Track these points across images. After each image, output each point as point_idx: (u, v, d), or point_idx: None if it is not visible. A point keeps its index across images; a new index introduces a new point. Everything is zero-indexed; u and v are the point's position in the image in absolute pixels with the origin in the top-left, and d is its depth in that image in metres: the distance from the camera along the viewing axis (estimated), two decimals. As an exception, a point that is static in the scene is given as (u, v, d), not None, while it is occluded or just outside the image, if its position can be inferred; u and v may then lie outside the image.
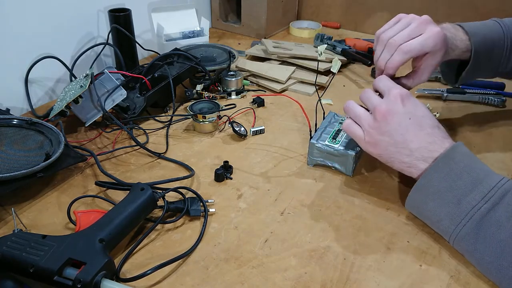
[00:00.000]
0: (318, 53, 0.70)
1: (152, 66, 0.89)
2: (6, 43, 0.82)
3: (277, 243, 0.57)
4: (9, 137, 0.69)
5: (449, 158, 0.55)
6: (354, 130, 0.62)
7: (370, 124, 0.59)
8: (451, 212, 0.53)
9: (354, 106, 0.62)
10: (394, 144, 0.58)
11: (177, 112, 0.89)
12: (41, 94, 0.91)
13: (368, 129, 0.60)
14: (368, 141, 0.60)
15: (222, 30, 1.35)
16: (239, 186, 0.68)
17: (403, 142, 0.57)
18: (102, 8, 0.99)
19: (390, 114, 0.58)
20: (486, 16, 1.12)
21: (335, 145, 0.69)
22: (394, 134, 0.58)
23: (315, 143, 0.70)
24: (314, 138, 0.71)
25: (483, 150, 0.77)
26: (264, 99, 0.91)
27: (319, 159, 0.72)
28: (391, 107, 0.58)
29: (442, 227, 0.55)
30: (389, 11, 1.27)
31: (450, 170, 0.54)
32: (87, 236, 0.51)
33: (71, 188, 0.67)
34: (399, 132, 0.57)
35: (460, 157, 0.55)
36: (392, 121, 0.58)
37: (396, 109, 0.58)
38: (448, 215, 0.53)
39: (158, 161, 0.73)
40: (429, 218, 0.57)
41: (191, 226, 0.60)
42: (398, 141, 0.58)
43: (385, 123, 0.58)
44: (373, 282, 0.52)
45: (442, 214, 0.54)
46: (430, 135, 0.57)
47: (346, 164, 0.69)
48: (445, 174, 0.54)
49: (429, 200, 0.55)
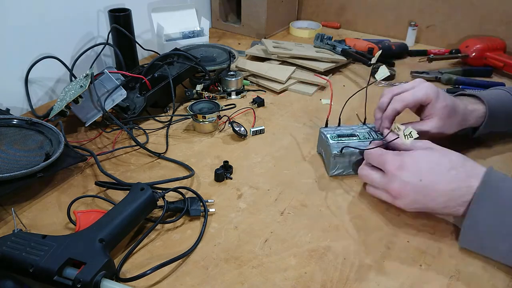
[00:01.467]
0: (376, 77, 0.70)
1: (152, 66, 0.89)
2: (6, 43, 0.82)
3: (277, 243, 0.57)
4: (9, 137, 0.69)
5: (486, 191, 0.53)
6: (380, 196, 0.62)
7: (393, 201, 0.59)
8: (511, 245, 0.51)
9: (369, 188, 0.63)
10: (424, 207, 0.57)
11: (177, 112, 0.89)
12: (41, 94, 0.91)
13: (394, 203, 0.59)
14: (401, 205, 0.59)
15: (222, 30, 1.35)
16: (239, 186, 0.68)
17: (429, 204, 0.56)
18: (102, 8, 0.99)
19: (402, 189, 0.57)
20: (486, 16, 1.13)
21: (332, 140, 0.69)
22: (417, 202, 0.57)
23: (321, 131, 0.72)
24: (326, 128, 0.73)
25: (484, 150, 0.77)
26: (264, 99, 0.91)
27: (321, 149, 0.74)
28: (399, 183, 0.57)
29: (506, 260, 0.53)
30: (389, 11, 1.27)
31: (491, 202, 0.52)
32: (87, 236, 0.51)
33: (71, 188, 0.67)
34: (421, 200, 0.56)
35: (496, 186, 0.53)
36: (408, 194, 0.57)
37: (403, 181, 0.56)
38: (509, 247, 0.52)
39: (158, 161, 0.73)
40: (491, 256, 0.55)
41: (191, 226, 0.60)
42: (425, 204, 0.57)
43: (403, 199, 0.57)
44: (373, 282, 0.52)
45: (504, 249, 0.52)
46: (450, 183, 0.55)
47: (329, 162, 0.69)
48: (489, 207, 0.53)
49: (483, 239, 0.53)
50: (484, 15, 1.13)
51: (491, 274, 0.54)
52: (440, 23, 1.20)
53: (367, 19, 1.32)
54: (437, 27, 1.21)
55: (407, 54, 1.16)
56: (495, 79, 1.05)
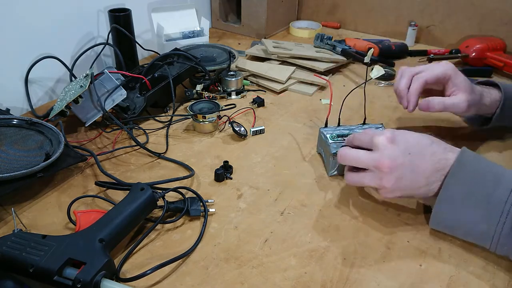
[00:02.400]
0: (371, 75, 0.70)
1: (152, 66, 0.89)
2: (6, 43, 0.82)
3: (277, 243, 0.57)
4: (9, 137, 0.69)
5: (461, 164, 0.55)
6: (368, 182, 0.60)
7: (379, 183, 0.57)
8: (484, 213, 0.52)
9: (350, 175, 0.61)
10: (408, 186, 0.57)
11: (177, 112, 0.89)
12: (41, 94, 0.91)
13: (380, 184, 0.57)
14: (384, 192, 0.58)
15: (222, 30, 1.35)
16: (239, 186, 0.68)
17: (413, 181, 0.56)
18: (102, 8, 0.99)
19: (393, 163, 0.56)
20: (486, 16, 1.13)
21: (332, 140, 0.70)
22: (403, 179, 0.56)
23: (321, 130, 0.73)
24: (325, 128, 0.74)
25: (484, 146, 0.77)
26: (264, 99, 0.91)
27: (321, 149, 0.74)
28: (390, 156, 0.56)
29: (480, 232, 0.53)
30: (389, 11, 1.27)
31: (466, 174, 0.54)
32: (87, 236, 0.51)
33: (71, 188, 0.67)
34: (408, 176, 0.56)
35: (471, 160, 0.55)
36: (397, 169, 0.56)
37: (394, 154, 0.56)
38: (482, 217, 0.52)
39: (158, 161, 0.73)
40: (461, 228, 0.55)
41: (191, 226, 0.60)
42: (410, 182, 0.56)
43: (391, 175, 0.56)
44: (373, 282, 0.52)
45: (476, 218, 0.53)
46: (432, 156, 0.56)
47: (328, 162, 0.70)
48: (464, 178, 0.54)
49: (456, 209, 0.54)
50: (484, 15, 1.13)
51: (491, 274, 0.54)
52: (440, 23, 1.20)
53: (367, 19, 1.32)
54: (437, 27, 1.21)
55: (407, 54, 1.16)
56: (495, 79, 1.03)
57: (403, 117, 0.87)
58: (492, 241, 0.52)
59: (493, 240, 0.52)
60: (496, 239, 0.52)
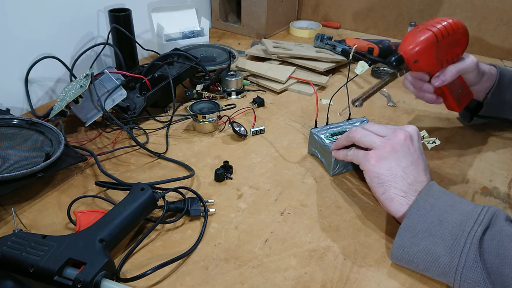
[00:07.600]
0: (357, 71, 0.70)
1: (152, 66, 0.89)
2: (6, 43, 0.82)
3: (277, 243, 0.57)
4: (9, 137, 0.69)
5: (427, 196, 0.54)
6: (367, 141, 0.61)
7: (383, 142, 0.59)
8: (448, 244, 0.50)
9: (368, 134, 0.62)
10: (403, 167, 0.57)
11: (177, 112, 0.89)
12: (41, 94, 0.91)
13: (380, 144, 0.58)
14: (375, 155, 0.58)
15: (222, 30, 1.35)
16: (239, 186, 0.68)
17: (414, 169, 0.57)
18: (102, 8, 0.99)
19: (397, 145, 0.57)
20: (486, 16, 1.13)
21: (328, 140, 0.70)
22: (405, 157, 0.57)
23: (313, 132, 0.72)
24: (316, 128, 0.73)
25: (481, 146, 0.77)
26: (264, 99, 0.91)
27: (314, 150, 0.73)
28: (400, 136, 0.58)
29: (443, 265, 0.50)
30: (389, 11, 1.27)
31: (433, 206, 0.53)
32: (87, 236, 0.51)
33: (71, 188, 0.67)
34: (409, 158, 0.57)
35: (437, 193, 0.55)
36: (408, 148, 0.58)
37: (408, 143, 0.58)
38: (445, 248, 0.50)
39: (158, 161, 0.73)
40: (423, 261, 0.51)
41: (191, 226, 0.60)
42: (390, 167, 0.57)
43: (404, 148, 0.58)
44: (373, 282, 0.52)
45: (438, 250, 0.50)
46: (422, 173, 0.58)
47: (329, 161, 0.69)
48: (429, 210, 0.53)
49: (419, 240, 0.52)
50: (484, 15, 1.13)
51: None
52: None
53: (367, 19, 1.32)
54: (437, 27, 1.21)
55: (407, 54, 1.16)
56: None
57: (403, 117, 0.87)
58: (455, 275, 0.49)
59: (456, 274, 0.49)
60: (459, 272, 0.48)
